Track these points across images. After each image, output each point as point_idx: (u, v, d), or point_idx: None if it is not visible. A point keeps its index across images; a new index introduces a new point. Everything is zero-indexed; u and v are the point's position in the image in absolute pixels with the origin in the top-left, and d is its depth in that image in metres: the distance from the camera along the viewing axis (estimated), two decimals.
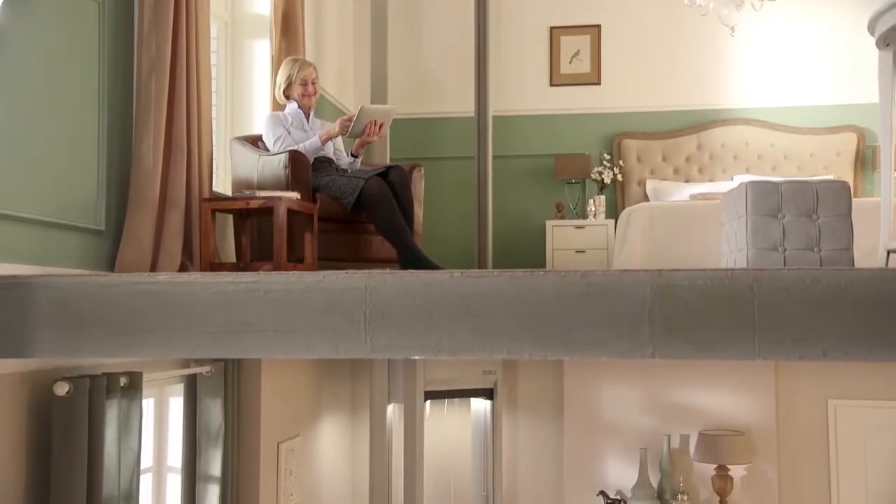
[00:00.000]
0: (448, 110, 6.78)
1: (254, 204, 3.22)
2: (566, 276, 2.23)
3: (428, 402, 5.83)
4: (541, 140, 6.70)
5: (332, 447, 6.26)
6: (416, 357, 2.24)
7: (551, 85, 6.71)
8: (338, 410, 6.39)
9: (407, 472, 5.51)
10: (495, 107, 6.45)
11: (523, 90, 6.75)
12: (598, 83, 6.63)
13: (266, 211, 3.36)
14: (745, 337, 2.13)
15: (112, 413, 3.51)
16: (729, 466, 5.89)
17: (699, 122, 6.48)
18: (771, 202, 3.06)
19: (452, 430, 6.28)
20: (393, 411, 5.77)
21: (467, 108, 6.41)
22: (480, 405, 6.08)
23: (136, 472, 3.67)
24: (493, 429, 5.95)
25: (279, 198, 3.20)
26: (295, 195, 3.34)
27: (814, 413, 6.12)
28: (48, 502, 3.31)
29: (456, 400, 6.30)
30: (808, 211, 3.05)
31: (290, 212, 3.30)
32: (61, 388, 3.23)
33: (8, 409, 3.19)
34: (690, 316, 2.15)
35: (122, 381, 3.61)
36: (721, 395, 6.12)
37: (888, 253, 3.16)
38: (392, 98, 6.23)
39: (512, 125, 6.69)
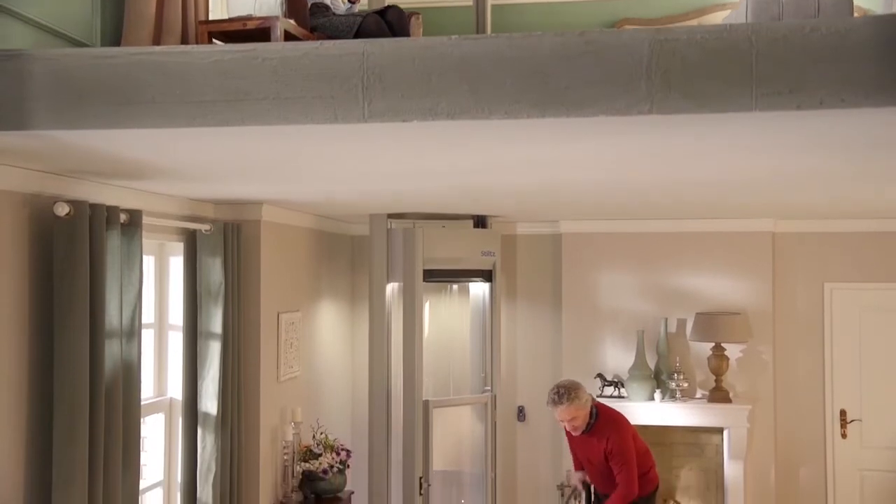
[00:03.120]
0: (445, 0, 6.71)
1: (250, 25, 3.19)
2: (564, 37, 2.22)
3: (427, 295, 5.82)
4: (541, 28, 6.62)
5: (332, 330, 6.33)
6: (414, 120, 2.24)
7: None
8: (338, 298, 6.44)
9: (406, 351, 5.55)
10: None
11: None
12: None
13: (263, 39, 3.32)
14: (742, 89, 2.12)
15: (113, 244, 3.53)
16: (725, 346, 5.96)
17: (701, 6, 6.40)
18: None
19: (452, 315, 6.33)
20: (392, 292, 5.79)
21: None
22: (479, 289, 6.11)
23: (137, 309, 3.70)
24: (491, 311, 5.99)
25: (276, 18, 3.18)
26: (292, 21, 3.32)
27: (810, 296, 6.18)
28: (52, 327, 3.34)
29: (455, 286, 6.33)
30: None
31: (287, 37, 3.27)
32: (61, 209, 3.25)
33: (10, 230, 3.20)
34: (688, 70, 2.15)
35: (123, 217, 3.62)
36: (718, 280, 6.16)
37: None
38: None
39: (512, 12, 6.61)
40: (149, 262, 4.43)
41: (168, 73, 2.32)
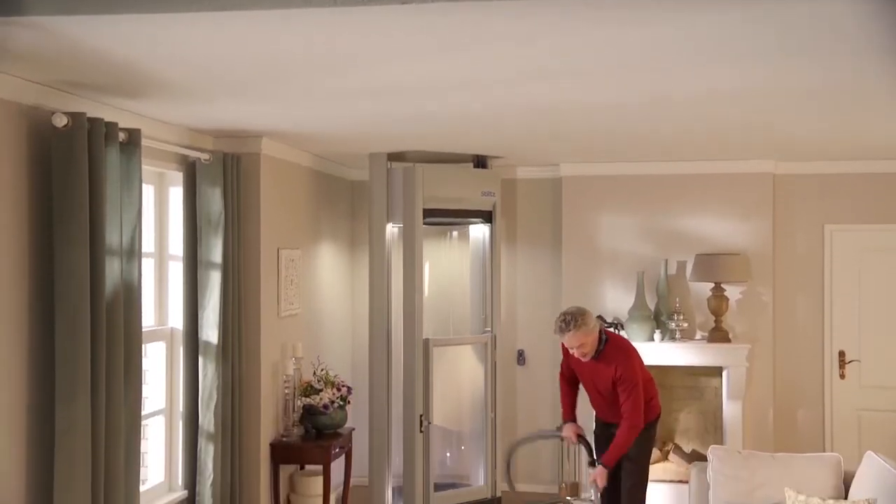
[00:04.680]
0: None
1: None
2: None
3: (427, 240, 5.80)
4: None
5: (332, 272, 6.34)
6: (413, 3, 2.23)
7: None
8: (337, 242, 6.45)
9: (406, 288, 5.55)
10: None
11: None
12: None
13: None
14: None
15: (112, 161, 3.52)
16: (725, 287, 5.97)
17: None
18: None
19: (451, 259, 6.34)
20: (392, 236, 5.77)
21: None
22: (479, 232, 6.11)
23: (137, 230, 3.70)
24: (491, 253, 5.99)
25: None
26: None
27: (810, 237, 6.18)
28: (52, 242, 3.35)
29: (455, 233, 6.34)
30: None
31: None
32: (59, 120, 3.24)
33: (8, 141, 3.20)
34: None
35: (122, 135, 3.62)
36: (719, 222, 6.16)
37: None
38: None
39: None
40: (148, 192, 4.43)
41: None
